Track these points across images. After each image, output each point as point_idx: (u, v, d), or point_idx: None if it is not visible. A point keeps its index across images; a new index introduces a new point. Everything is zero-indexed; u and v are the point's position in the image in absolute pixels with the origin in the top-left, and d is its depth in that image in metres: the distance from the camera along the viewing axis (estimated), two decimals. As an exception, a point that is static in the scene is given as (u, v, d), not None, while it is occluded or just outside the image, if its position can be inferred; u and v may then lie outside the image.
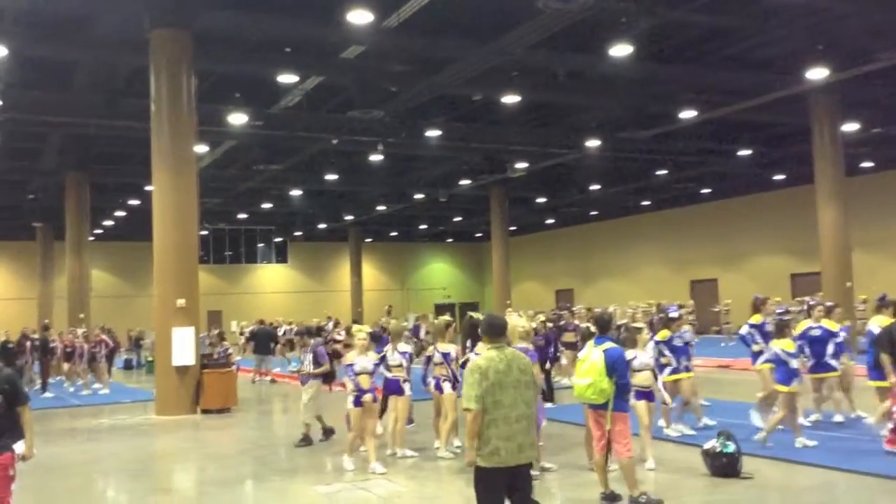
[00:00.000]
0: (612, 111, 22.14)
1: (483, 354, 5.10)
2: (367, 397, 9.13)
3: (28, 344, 20.72)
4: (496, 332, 5.14)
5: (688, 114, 20.64)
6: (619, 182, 31.33)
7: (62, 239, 29.49)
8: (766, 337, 10.51)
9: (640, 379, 8.57)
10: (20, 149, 23.57)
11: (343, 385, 9.72)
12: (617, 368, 6.92)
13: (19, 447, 5.63)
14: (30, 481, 9.54)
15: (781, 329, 9.61)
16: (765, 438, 9.26)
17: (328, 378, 11.35)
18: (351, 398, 9.07)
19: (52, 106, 18.83)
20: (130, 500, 8.72)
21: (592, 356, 6.98)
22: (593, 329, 8.47)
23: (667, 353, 10.42)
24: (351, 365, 9.11)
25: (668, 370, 10.33)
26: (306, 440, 10.96)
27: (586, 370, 6.97)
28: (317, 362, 11.00)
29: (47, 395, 18.84)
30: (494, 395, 4.86)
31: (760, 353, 10.64)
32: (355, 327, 9.86)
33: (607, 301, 28.52)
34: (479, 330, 5.42)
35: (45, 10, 14.37)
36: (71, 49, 15.88)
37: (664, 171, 28.97)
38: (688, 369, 10.62)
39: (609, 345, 7.03)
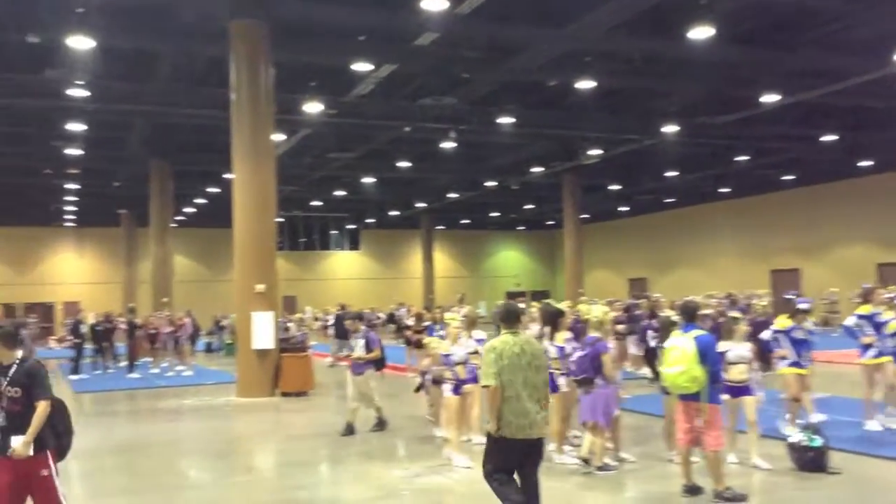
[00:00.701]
0: (690, 96, 21.63)
1: (499, 338, 5.57)
2: (467, 387, 9.10)
3: (99, 329, 21.40)
4: (511, 318, 5.68)
5: (770, 98, 19.98)
6: (696, 168, 30.60)
7: (146, 225, 30.51)
8: (877, 328, 9.83)
9: (734, 373, 8.06)
10: (106, 138, 24.40)
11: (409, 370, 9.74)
12: (708, 355, 6.74)
13: (16, 441, 5.16)
14: (117, 460, 9.96)
15: None
16: None
17: (378, 364, 11.20)
18: (449, 387, 9.02)
19: (135, 96, 19.40)
20: (214, 478, 8.98)
21: (682, 343, 6.81)
22: (674, 318, 8.30)
23: (785, 343, 9.63)
24: (448, 355, 9.07)
25: (785, 362, 9.54)
26: (380, 424, 11.04)
27: (676, 358, 6.79)
28: (368, 348, 10.77)
29: (134, 375, 19.54)
30: (509, 374, 5.35)
31: (869, 346, 9.88)
32: (447, 315, 9.78)
33: (683, 291, 27.95)
34: (498, 317, 5.94)
35: (128, 2, 14.81)
36: (153, 40, 16.28)
37: (745, 157, 28.16)
38: (810, 361, 9.85)
39: (698, 332, 6.86)
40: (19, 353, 5.36)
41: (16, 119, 21.91)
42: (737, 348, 8.18)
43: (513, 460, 5.43)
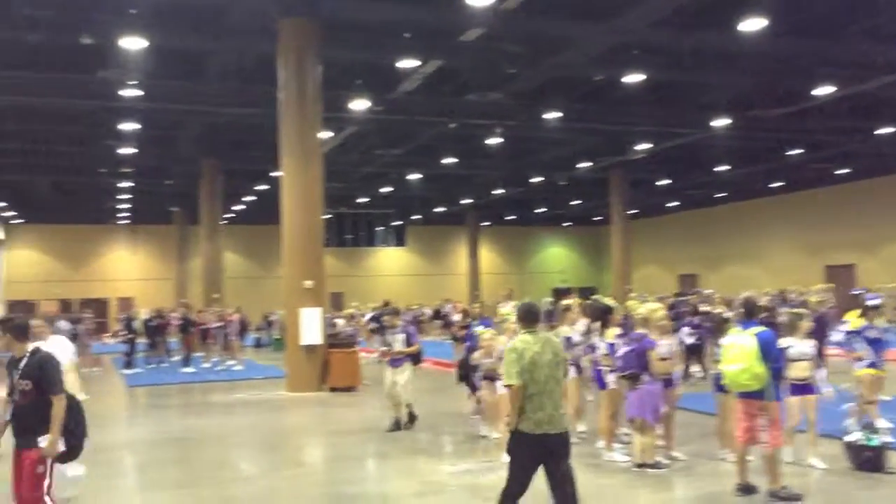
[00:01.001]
0: (741, 89, 21.24)
1: (519, 337, 5.69)
2: None
3: (152, 324, 21.81)
4: (531, 318, 5.75)
5: (824, 90, 19.53)
6: (748, 163, 30.06)
7: (197, 223, 31.04)
8: None
9: (797, 370, 7.75)
10: (158, 137, 24.88)
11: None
12: (771, 351, 6.61)
13: (43, 441, 5.14)
14: (171, 452, 10.15)
15: None
16: None
17: (415, 359, 11.19)
18: (502, 383, 8.88)
19: (186, 95, 19.72)
20: (264, 471, 9.09)
21: (741, 340, 6.69)
22: (727, 315, 8.15)
23: (861, 343, 9.14)
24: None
25: (862, 364, 9.05)
26: (412, 418, 10.90)
27: (736, 355, 6.67)
28: (409, 342, 10.75)
29: (188, 369, 19.88)
30: (531, 373, 5.45)
31: None
32: (504, 311, 9.56)
33: (734, 287, 27.47)
34: (516, 316, 6.00)
35: (178, 2, 15.07)
36: (204, 39, 16.56)
37: (798, 151, 27.57)
38: (884, 361, 9.36)
39: (759, 328, 6.73)
40: (30, 346, 5.31)
41: (71, 119, 22.49)
42: (799, 345, 7.85)
43: (532, 456, 5.50)
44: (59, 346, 7.40)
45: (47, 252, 42.00)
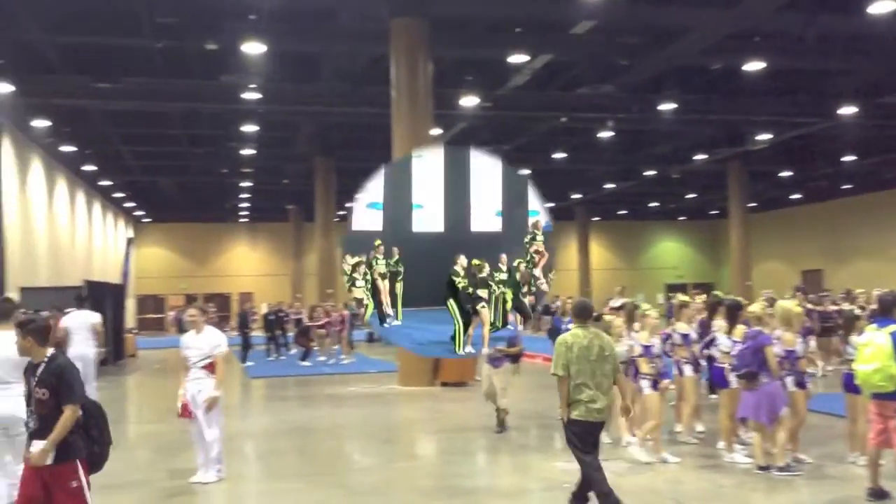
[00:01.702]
0: (870, 75, 20.08)
1: (570, 332, 6.20)
2: (665, 382, 8.68)
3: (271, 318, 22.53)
4: (583, 314, 6.26)
5: (963, 73, 18.25)
6: (877, 152, 28.39)
7: (312, 220, 31.96)
8: None
9: None
10: (276, 137, 25.77)
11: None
12: None
13: (36, 446, 4.68)
14: (289, 442, 10.50)
15: None
16: None
17: (514, 359, 10.99)
18: (648, 382, 8.47)
19: (301, 97, 20.35)
20: (380, 462, 9.27)
21: (877, 339, 6.36)
22: (857, 312, 7.75)
23: None
24: (648, 346, 8.53)
25: None
26: (502, 424, 10.52)
27: (871, 355, 6.35)
28: (511, 343, 10.62)
29: (305, 363, 20.47)
30: (580, 364, 5.98)
31: None
32: (644, 306, 9.28)
33: (862, 283, 26.02)
34: (570, 311, 6.54)
35: (295, 7, 15.53)
36: (317, 41, 17.03)
37: (932, 140, 25.88)
38: None
39: (895, 327, 6.38)
40: (50, 351, 4.89)
41: (196, 122, 23.59)
42: None
43: (589, 439, 6.11)
44: (214, 336, 7.87)
45: (173, 249, 44.24)
